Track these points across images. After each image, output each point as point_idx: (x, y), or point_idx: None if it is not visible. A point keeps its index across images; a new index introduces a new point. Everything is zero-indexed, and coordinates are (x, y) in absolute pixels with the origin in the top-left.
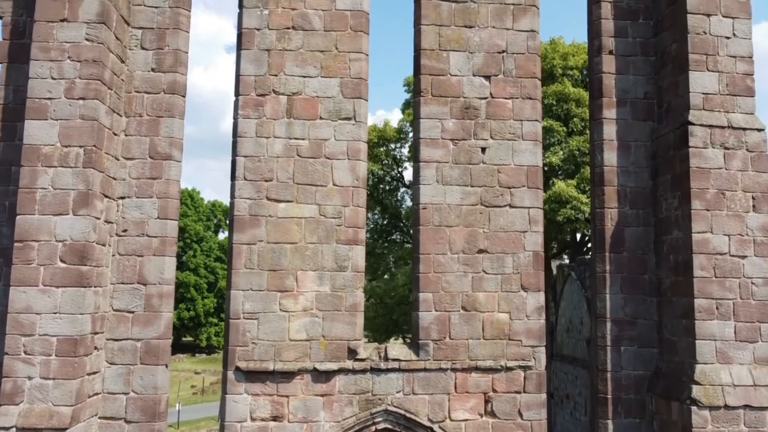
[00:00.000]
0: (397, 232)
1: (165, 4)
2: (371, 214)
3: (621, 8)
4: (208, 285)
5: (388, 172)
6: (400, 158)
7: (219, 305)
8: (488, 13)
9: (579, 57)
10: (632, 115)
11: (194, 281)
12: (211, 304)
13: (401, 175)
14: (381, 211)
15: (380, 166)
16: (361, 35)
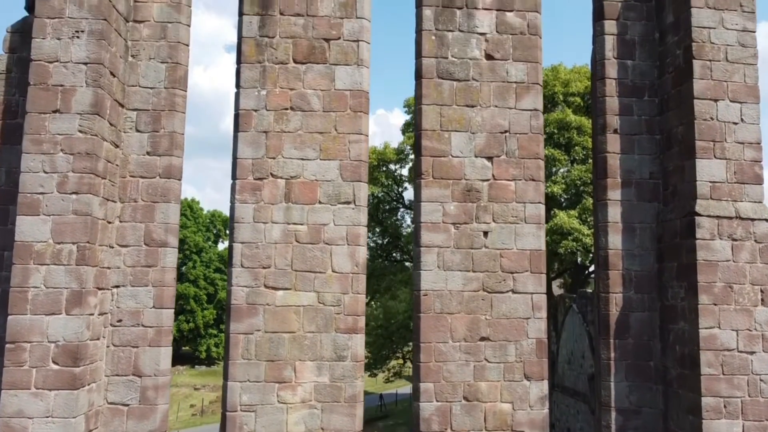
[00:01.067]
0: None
1: (160, 84)
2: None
3: (626, 85)
4: (208, 296)
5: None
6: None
7: (219, 316)
8: (490, 92)
9: (580, 83)
10: (637, 195)
11: (194, 293)
12: (211, 315)
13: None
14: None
15: (380, 189)
16: (360, 116)
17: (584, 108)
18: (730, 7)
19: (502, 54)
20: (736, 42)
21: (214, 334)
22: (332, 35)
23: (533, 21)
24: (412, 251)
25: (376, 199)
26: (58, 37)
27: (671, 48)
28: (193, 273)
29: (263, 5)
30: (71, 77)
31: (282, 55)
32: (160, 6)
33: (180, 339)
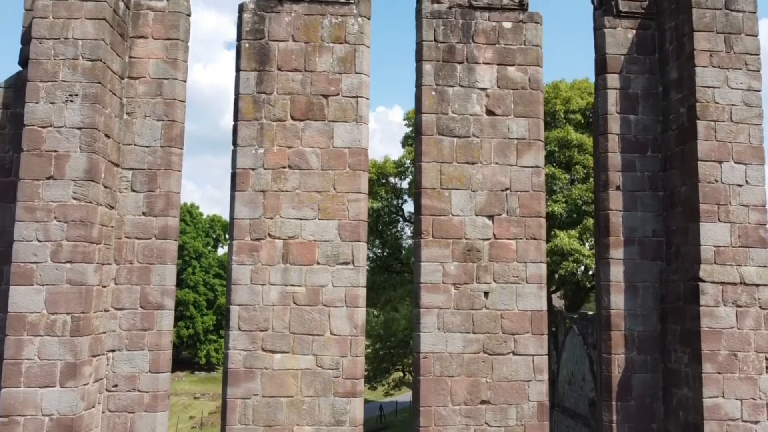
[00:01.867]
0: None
1: (156, 143)
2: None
3: (629, 141)
4: (207, 302)
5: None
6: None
7: (218, 322)
8: (491, 149)
9: (581, 99)
10: (640, 254)
11: (193, 299)
12: (210, 321)
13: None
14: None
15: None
16: (360, 174)
17: (585, 124)
18: (735, 66)
19: (503, 110)
20: (740, 101)
21: (214, 339)
22: (331, 91)
23: (535, 75)
24: (412, 266)
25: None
26: (52, 101)
27: (675, 104)
28: (192, 279)
29: (260, 61)
30: (65, 142)
31: (280, 112)
32: (156, 62)
33: (180, 345)
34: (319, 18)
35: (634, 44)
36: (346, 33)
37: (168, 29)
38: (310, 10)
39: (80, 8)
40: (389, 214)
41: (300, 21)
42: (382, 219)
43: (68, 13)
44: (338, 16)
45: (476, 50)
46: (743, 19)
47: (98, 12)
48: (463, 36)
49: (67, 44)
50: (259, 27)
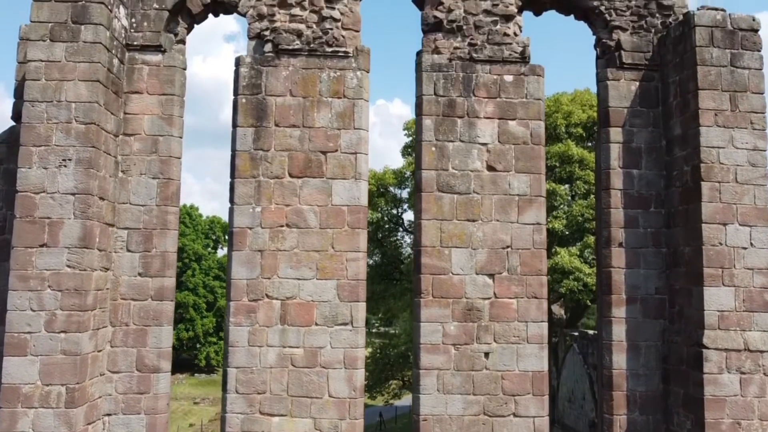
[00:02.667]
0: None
1: (152, 201)
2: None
3: (631, 196)
4: (207, 304)
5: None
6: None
7: (218, 324)
8: (492, 206)
9: (583, 113)
10: (642, 312)
11: (193, 301)
12: (210, 323)
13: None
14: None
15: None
16: (358, 232)
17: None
18: (740, 125)
19: (504, 165)
20: (746, 162)
21: (214, 341)
22: (329, 147)
23: (536, 130)
24: (411, 277)
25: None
26: (45, 166)
27: (679, 161)
28: (192, 281)
29: (257, 116)
30: (58, 209)
31: (277, 169)
32: (151, 118)
33: (179, 347)
34: (317, 72)
35: (637, 96)
36: (345, 87)
37: (163, 84)
38: (308, 64)
39: (73, 69)
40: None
41: (298, 75)
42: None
43: (61, 75)
44: (337, 69)
45: (477, 104)
46: (749, 77)
47: (92, 73)
48: (464, 90)
49: (60, 107)
50: (256, 81)
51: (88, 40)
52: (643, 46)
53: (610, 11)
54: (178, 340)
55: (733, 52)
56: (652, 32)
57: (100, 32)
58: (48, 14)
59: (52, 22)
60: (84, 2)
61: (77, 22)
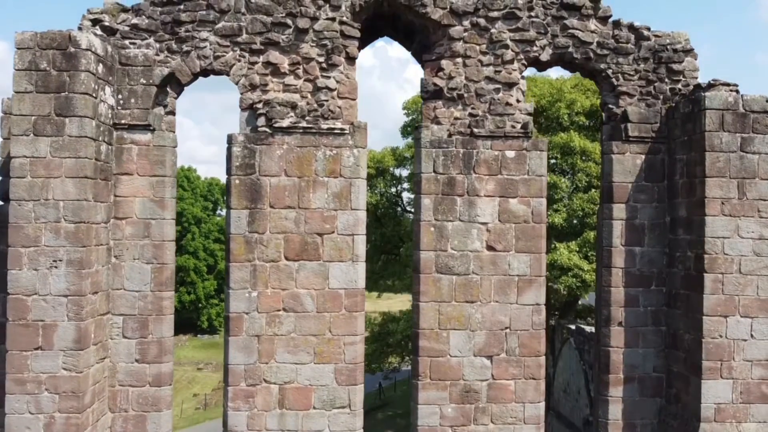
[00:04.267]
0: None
1: (146, 287)
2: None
3: (633, 275)
4: (208, 267)
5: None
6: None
7: (219, 287)
8: (491, 286)
9: (587, 100)
10: (640, 392)
11: (194, 265)
12: (211, 286)
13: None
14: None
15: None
16: (356, 316)
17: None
18: (747, 214)
19: (505, 245)
20: (750, 251)
21: (215, 303)
22: (326, 229)
23: (538, 208)
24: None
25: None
26: (35, 267)
27: (682, 243)
28: (192, 245)
29: (252, 198)
30: (51, 311)
31: (273, 252)
32: (143, 201)
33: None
34: (313, 150)
35: (642, 171)
36: (342, 166)
37: (153, 166)
38: (303, 141)
39: (59, 166)
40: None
41: (293, 154)
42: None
43: (47, 172)
44: (333, 147)
45: (478, 182)
46: (759, 162)
47: (79, 170)
48: (465, 167)
49: (48, 206)
50: (249, 161)
51: (73, 134)
52: (651, 117)
53: (617, 75)
54: (180, 302)
55: (743, 137)
56: (660, 99)
57: (86, 125)
58: (30, 107)
59: (35, 115)
60: (67, 93)
61: (61, 115)
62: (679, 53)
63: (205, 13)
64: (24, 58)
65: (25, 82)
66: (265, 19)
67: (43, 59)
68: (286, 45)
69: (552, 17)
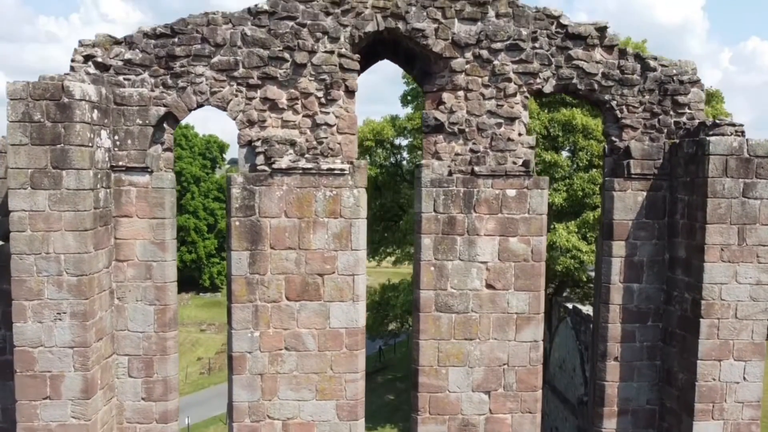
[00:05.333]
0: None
1: (150, 328)
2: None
3: (630, 311)
4: (208, 227)
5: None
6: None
7: (220, 245)
8: (490, 324)
9: None
10: (633, 423)
11: (194, 224)
12: (212, 245)
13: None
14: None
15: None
16: (356, 354)
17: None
18: (746, 260)
19: (504, 284)
20: (747, 297)
21: (216, 262)
22: (326, 270)
23: (537, 246)
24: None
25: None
26: (40, 320)
27: (680, 284)
28: (192, 204)
29: (252, 240)
30: (58, 362)
31: (274, 293)
32: (143, 243)
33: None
34: (313, 191)
35: (643, 208)
36: (342, 207)
37: (153, 208)
38: (302, 182)
39: (59, 219)
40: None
41: (292, 195)
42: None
43: (46, 225)
44: (333, 188)
45: (478, 221)
46: (760, 207)
47: (78, 223)
48: (465, 206)
49: (49, 260)
50: (249, 203)
51: (71, 187)
52: (654, 153)
53: (621, 107)
54: (182, 262)
55: (746, 182)
56: (664, 133)
57: (84, 177)
58: (26, 160)
59: (31, 168)
60: (63, 145)
61: (58, 168)
62: (686, 85)
63: (200, 47)
64: (17, 109)
65: (19, 134)
66: (262, 53)
67: (36, 110)
68: (283, 79)
69: (556, 47)
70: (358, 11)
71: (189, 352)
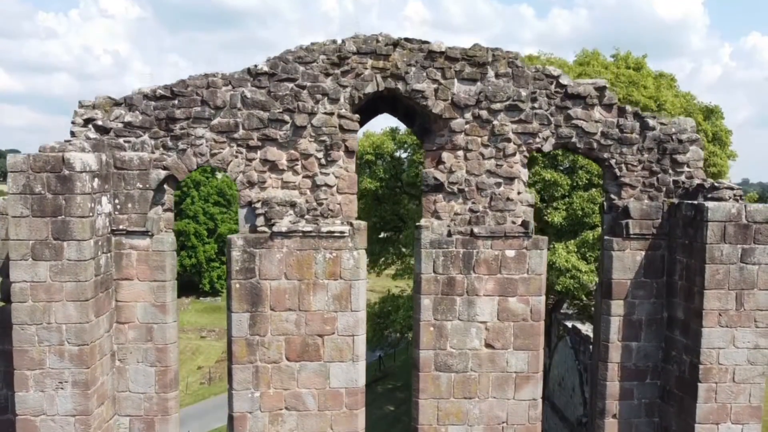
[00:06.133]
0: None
1: (150, 389)
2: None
3: (628, 369)
4: (208, 231)
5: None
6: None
7: (220, 249)
8: (489, 383)
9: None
10: None
11: (194, 229)
12: (212, 249)
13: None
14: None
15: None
16: (356, 413)
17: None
18: (744, 324)
19: (503, 343)
20: (745, 361)
21: (216, 266)
22: (326, 330)
23: (536, 306)
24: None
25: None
26: (42, 389)
27: (678, 344)
28: (191, 209)
29: (252, 302)
30: (60, 431)
31: (275, 353)
32: (144, 306)
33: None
34: (313, 253)
35: (642, 267)
36: (342, 269)
37: (153, 271)
38: (302, 245)
39: (60, 290)
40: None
41: (292, 258)
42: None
43: (48, 296)
44: (332, 250)
45: (477, 282)
46: (758, 273)
47: (79, 294)
48: (464, 267)
49: (51, 330)
50: (249, 265)
51: (72, 258)
52: (653, 213)
53: (621, 166)
54: (182, 266)
55: (744, 248)
56: (663, 191)
57: (84, 249)
58: (27, 232)
59: (32, 239)
60: (64, 217)
61: (59, 239)
62: (684, 144)
63: (200, 110)
64: (18, 181)
65: (20, 206)
66: (262, 115)
67: (37, 182)
68: (283, 141)
69: (556, 107)
70: (358, 72)
71: (189, 361)
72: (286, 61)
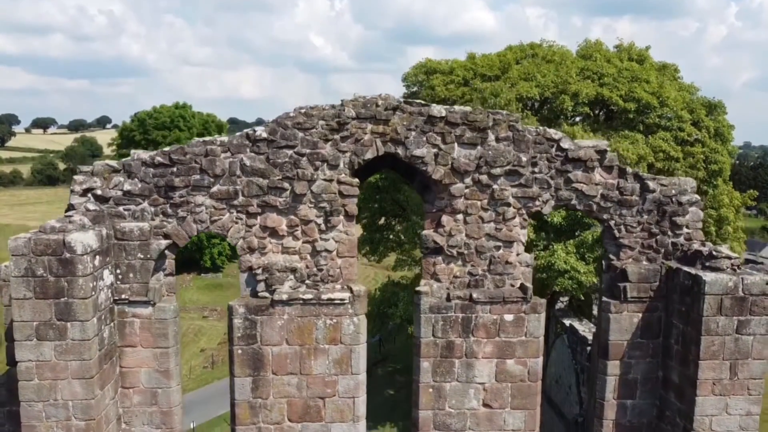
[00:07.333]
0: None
1: None
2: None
3: (623, 426)
4: None
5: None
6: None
7: None
8: None
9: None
10: None
11: None
12: None
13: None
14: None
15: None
16: None
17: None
18: (737, 393)
19: (501, 403)
20: (737, 427)
21: (217, 242)
22: (327, 393)
23: (534, 368)
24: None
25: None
26: None
27: (672, 406)
28: None
29: (255, 366)
30: None
31: (277, 416)
32: (148, 372)
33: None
34: (313, 320)
35: (639, 329)
36: (342, 334)
37: (156, 338)
38: (303, 312)
39: (65, 368)
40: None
41: (293, 324)
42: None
43: (53, 374)
44: (333, 316)
45: (476, 345)
46: (752, 343)
47: (84, 372)
48: (463, 331)
49: (58, 406)
50: (250, 332)
51: (76, 338)
52: (650, 276)
53: (620, 227)
54: None
55: (740, 320)
56: (661, 253)
57: (88, 329)
58: (31, 314)
59: (36, 321)
60: (66, 299)
61: (62, 320)
62: (684, 206)
63: (199, 178)
64: (20, 264)
65: (23, 289)
66: (261, 182)
67: (39, 266)
68: (283, 207)
69: (556, 170)
70: (357, 137)
71: (192, 343)
72: (285, 127)
